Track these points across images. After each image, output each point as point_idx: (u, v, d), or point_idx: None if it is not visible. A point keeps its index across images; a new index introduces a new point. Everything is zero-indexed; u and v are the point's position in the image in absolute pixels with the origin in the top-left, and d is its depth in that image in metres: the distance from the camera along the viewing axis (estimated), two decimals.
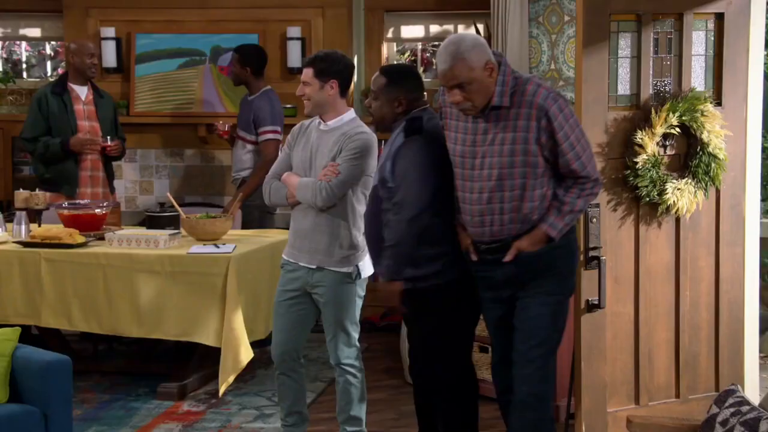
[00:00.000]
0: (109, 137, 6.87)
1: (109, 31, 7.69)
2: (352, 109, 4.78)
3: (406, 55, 8.03)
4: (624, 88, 4.54)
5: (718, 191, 4.71)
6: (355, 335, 4.80)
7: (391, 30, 7.78)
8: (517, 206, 4.09)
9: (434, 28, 7.76)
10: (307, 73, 4.70)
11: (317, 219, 4.68)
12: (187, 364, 6.10)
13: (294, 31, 7.56)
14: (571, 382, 4.82)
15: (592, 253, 4.44)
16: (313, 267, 4.69)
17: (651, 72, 4.55)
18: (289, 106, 7.36)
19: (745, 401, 3.42)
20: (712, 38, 4.68)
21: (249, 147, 6.93)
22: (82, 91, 6.93)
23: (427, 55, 8.01)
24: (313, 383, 6.14)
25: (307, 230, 4.71)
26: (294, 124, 4.98)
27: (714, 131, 4.58)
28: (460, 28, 7.68)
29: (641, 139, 4.44)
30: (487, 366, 6.01)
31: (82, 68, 6.88)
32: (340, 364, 4.73)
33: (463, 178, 4.17)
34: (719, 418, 3.43)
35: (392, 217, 4.30)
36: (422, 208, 4.25)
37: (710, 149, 4.57)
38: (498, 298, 4.28)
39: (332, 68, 4.69)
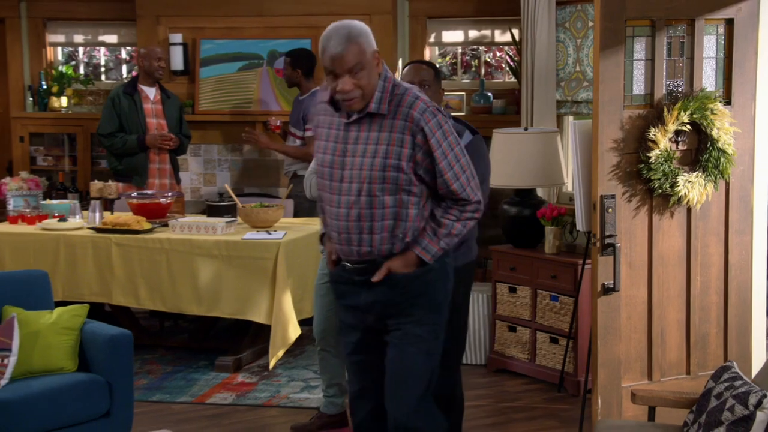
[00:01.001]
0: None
1: (177, 37, 7.79)
2: None
3: (447, 57, 8.04)
4: (639, 88, 4.51)
5: (727, 184, 4.68)
6: None
7: (433, 35, 7.80)
8: (389, 225, 3.52)
9: (473, 33, 7.77)
10: None
11: None
12: (242, 340, 6.20)
13: None
14: (588, 359, 4.83)
15: (607, 241, 4.42)
16: None
17: (664, 73, 4.52)
18: None
19: (738, 377, 3.42)
20: (723, 42, 4.64)
21: (298, 142, 7.00)
22: (151, 92, 7.09)
23: (467, 57, 8.01)
24: None
25: None
26: None
27: (723, 128, 4.55)
28: (497, 33, 7.69)
29: (654, 135, 4.43)
30: (515, 344, 6.03)
31: (150, 71, 7.04)
32: None
33: (330, 191, 3.60)
34: (714, 392, 3.43)
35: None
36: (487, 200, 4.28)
37: (720, 145, 4.54)
38: (359, 324, 3.72)
39: None
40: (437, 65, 7.78)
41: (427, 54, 7.78)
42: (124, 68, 8.63)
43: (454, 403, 4.45)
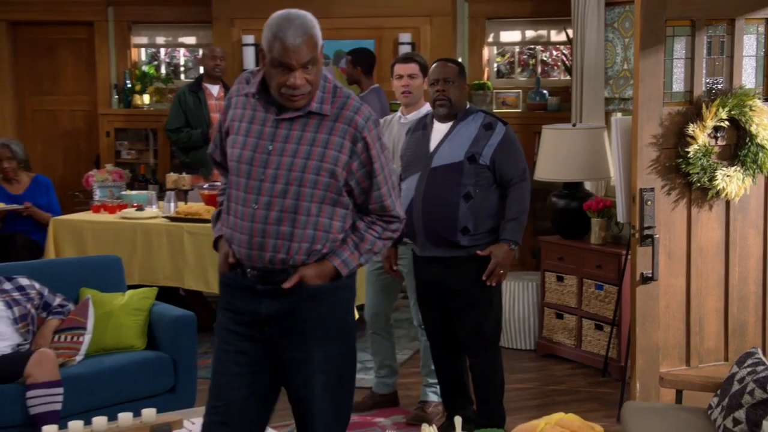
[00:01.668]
0: None
1: (250, 39, 7.91)
2: (427, 103, 4.83)
3: (506, 56, 8.03)
4: (678, 85, 4.46)
5: (766, 178, 4.61)
6: None
7: (491, 35, 7.80)
8: (310, 236, 3.03)
9: (529, 33, 7.76)
10: (413, 68, 4.75)
11: None
12: None
13: (405, 36, 7.64)
14: (628, 345, 4.81)
15: (646, 232, 4.38)
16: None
17: (704, 71, 4.47)
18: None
19: (761, 362, 3.40)
20: (763, 40, 4.57)
21: None
22: (214, 89, 7.25)
23: (524, 56, 8.00)
24: (411, 342, 6.24)
25: None
26: None
27: (762, 124, 4.48)
28: (552, 33, 7.66)
29: (693, 131, 4.38)
30: (561, 330, 6.03)
31: (208, 69, 7.21)
32: (421, 325, 4.82)
33: (245, 190, 3.05)
34: (737, 377, 3.41)
35: (516, 191, 4.36)
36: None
37: (758, 140, 4.48)
38: (251, 334, 3.11)
39: (427, 65, 4.79)
40: (494, 64, 7.84)
41: (486, 53, 7.78)
42: (202, 68, 8.80)
43: (494, 380, 4.48)
